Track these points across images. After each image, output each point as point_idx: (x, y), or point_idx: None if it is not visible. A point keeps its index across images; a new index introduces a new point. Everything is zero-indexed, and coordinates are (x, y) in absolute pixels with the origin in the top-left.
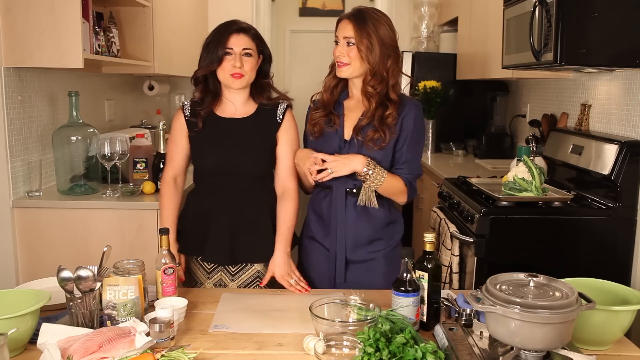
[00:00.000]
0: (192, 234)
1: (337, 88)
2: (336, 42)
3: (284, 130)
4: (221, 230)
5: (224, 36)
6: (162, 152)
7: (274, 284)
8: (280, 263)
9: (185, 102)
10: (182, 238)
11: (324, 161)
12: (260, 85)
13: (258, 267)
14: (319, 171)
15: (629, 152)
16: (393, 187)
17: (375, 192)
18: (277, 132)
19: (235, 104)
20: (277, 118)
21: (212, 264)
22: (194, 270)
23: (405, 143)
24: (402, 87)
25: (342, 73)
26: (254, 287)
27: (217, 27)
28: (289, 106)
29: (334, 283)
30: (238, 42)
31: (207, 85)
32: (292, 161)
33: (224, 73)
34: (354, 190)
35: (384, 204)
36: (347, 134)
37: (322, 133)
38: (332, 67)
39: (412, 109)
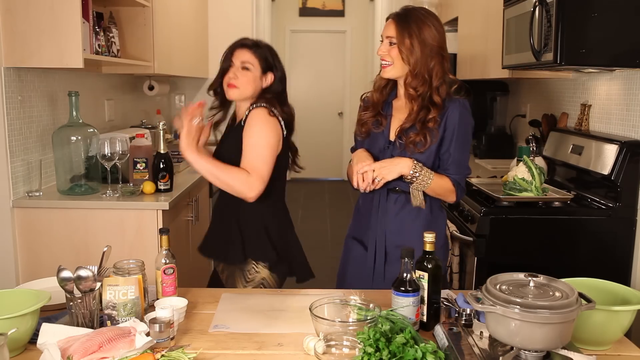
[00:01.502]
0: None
1: (387, 88)
2: (381, 40)
3: (245, 127)
4: (211, 226)
5: (231, 50)
6: (162, 152)
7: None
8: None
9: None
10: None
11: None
12: (268, 101)
13: (263, 273)
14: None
15: (629, 152)
16: (441, 187)
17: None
18: (242, 131)
19: (243, 110)
20: (242, 121)
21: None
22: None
23: (450, 144)
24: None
25: (385, 73)
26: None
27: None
28: (258, 106)
29: (371, 281)
30: (239, 56)
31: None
32: (248, 155)
33: (223, 83)
34: (397, 188)
35: (426, 202)
36: (393, 135)
37: (369, 134)
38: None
39: (455, 108)
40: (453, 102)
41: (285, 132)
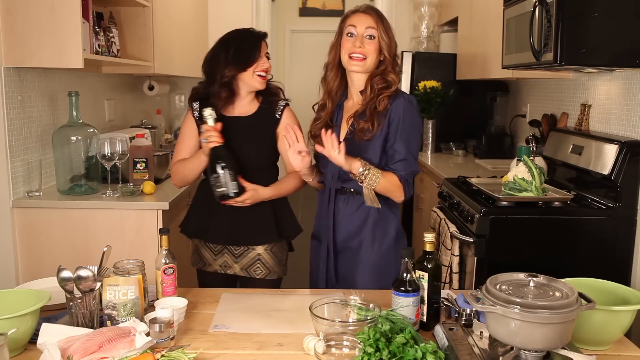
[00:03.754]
0: (197, 219)
1: (339, 92)
2: (349, 34)
3: (283, 125)
4: (224, 216)
5: (258, 41)
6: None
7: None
8: (258, 194)
9: (194, 104)
10: (190, 222)
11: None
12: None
13: (259, 249)
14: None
15: (629, 152)
16: (390, 183)
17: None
18: (277, 127)
19: (246, 102)
20: (277, 114)
21: (218, 246)
22: (202, 252)
23: (395, 137)
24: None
25: (357, 67)
26: (255, 269)
27: (240, 36)
28: (287, 104)
29: (325, 278)
30: (265, 48)
31: (231, 86)
32: None
33: (251, 74)
34: (345, 189)
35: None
36: (343, 134)
37: (320, 144)
38: (328, 67)
39: (400, 102)
40: (398, 97)
41: None
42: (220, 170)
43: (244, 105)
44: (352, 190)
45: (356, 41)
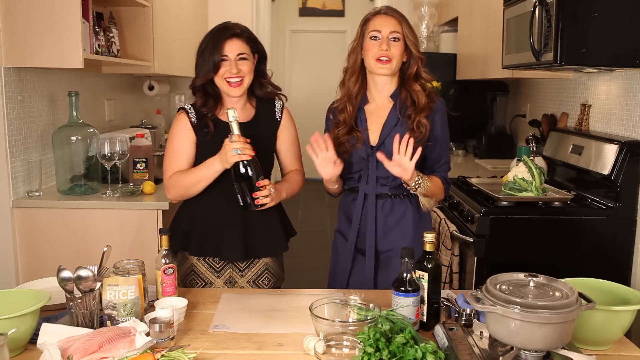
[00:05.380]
0: (204, 237)
1: (359, 96)
2: (373, 38)
3: (284, 127)
4: (235, 231)
5: (219, 42)
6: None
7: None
8: (280, 195)
9: (186, 106)
10: (192, 241)
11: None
12: (260, 84)
13: (265, 259)
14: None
15: (629, 152)
16: (436, 187)
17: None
18: (278, 129)
19: (239, 106)
20: (277, 117)
21: (222, 263)
22: (200, 271)
23: (437, 140)
24: None
25: (384, 70)
26: (263, 280)
27: (211, 33)
28: (284, 104)
29: (368, 284)
30: (233, 48)
31: (207, 91)
32: (294, 149)
33: (221, 80)
34: (383, 194)
35: (412, 203)
36: (373, 139)
37: (348, 152)
38: (348, 71)
39: (440, 105)
40: (438, 100)
41: None
42: (248, 182)
43: (239, 110)
44: (391, 194)
45: (382, 44)
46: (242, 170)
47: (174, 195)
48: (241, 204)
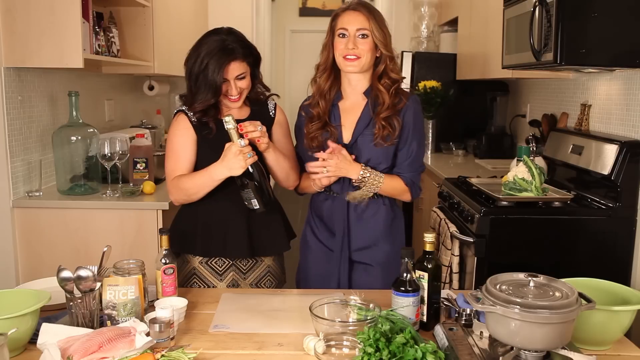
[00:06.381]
0: (208, 238)
1: (331, 92)
2: (341, 35)
3: (277, 123)
4: (239, 230)
5: (219, 69)
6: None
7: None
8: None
9: (184, 108)
10: (197, 243)
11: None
12: (253, 85)
13: (268, 261)
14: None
15: (629, 152)
16: (393, 188)
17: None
18: (272, 126)
19: (233, 111)
20: (270, 113)
21: (224, 266)
22: (203, 274)
23: (407, 140)
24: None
25: (353, 68)
26: (265, 282)
27: (207, 54)
28: (276, 102)
29: (337, 284)
30: (233, 72)
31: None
32: (288, 145)
33: (223, 99)
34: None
35: (385, 203)
36: (347, 137)
37: (322, 147)
38: (320, 68)
39: (411, 104)
40: (409, 97)
41: None
42: (256, 185)
43: (235, 111)
44: None
45: (349, 42)
46: (254, 172)
47: (176, 198)
48: (256, 207)
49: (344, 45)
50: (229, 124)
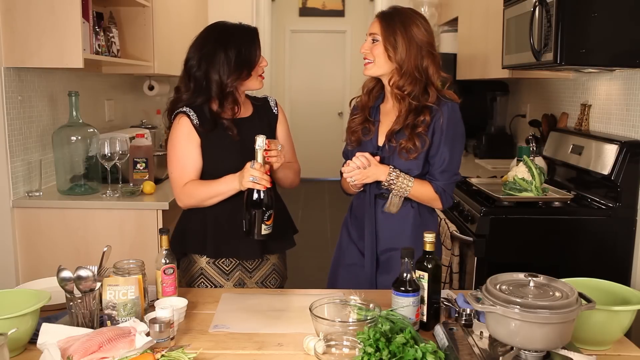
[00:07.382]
0: (219, 239)
1: (374, 90)
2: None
3: (280, 121)
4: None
5: (255, 39)
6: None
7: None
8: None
9: (185, 109)
10: (208, 244)
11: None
12: None
13: (273, 259)
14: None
15: (629, 152)
16: (422, 194)
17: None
18: (276, 123)
19: (243, 103)
20: (274, 110)
21: (231, 265)
22: (209, 274)
23: (438, 149)
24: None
25: (366, 70)
26: (270, 280)
27: (232, 33)
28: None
29: (368, 284)
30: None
31: (235, 95)
32: (290, 143)
33: (254, 77)
34: (384, 194)
35: (414, 206)
36: (381, 140)
37: (359, 142)
38: None
39: (444, 112)
40: (442, 106)
41: None
42: (258, 211)
43: (241, 105)
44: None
45: (365, 44)
46: (255, 197)
47: (186, 204)
48: (244, 229)
49: (362, 48)
50: (260, 145)
